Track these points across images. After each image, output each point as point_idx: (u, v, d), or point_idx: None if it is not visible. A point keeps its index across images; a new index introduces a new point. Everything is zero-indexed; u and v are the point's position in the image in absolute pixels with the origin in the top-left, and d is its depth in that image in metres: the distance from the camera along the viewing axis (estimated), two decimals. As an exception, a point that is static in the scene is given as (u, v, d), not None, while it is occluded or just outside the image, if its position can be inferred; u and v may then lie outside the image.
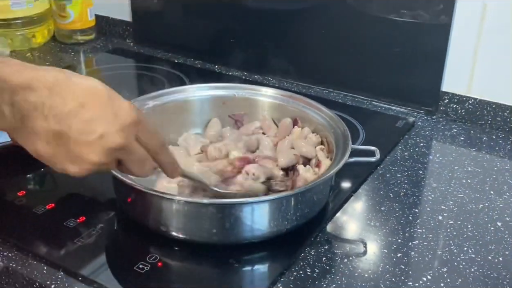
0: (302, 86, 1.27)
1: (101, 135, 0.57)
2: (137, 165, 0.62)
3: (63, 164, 0.59)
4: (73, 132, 0.56)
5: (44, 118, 0.56)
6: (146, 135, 0.61)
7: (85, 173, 0.60)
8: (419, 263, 0.74)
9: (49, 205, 0.82)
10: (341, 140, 0.83)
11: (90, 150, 0.57)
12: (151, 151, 0.63)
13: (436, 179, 0.93)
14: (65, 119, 0.56)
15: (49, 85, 0.56)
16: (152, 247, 0.75)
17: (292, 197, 0.74)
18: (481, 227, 0.82)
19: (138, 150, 0.61)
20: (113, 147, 0.58)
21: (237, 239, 0.74)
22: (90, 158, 0.58)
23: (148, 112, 0.89)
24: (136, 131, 0.60)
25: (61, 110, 0.56)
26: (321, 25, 1.20)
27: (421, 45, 1.11)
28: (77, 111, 0.56)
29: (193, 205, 0.73)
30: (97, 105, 0.57)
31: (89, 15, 1.48)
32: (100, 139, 0.57)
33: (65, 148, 0.57)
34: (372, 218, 0.83)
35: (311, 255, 0.75)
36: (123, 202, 0.80)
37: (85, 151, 0.57)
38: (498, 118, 1.10)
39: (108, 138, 0.57)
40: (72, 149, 0.57)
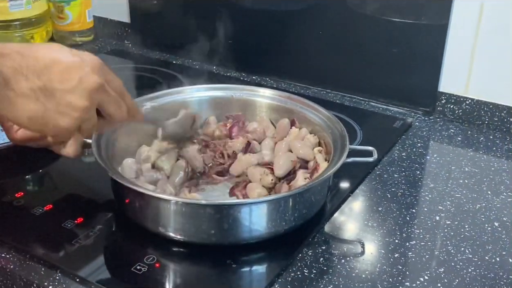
0: (300, 86, 1.27)
1: (79, 78, 0.62)
2: (114, 106, 0.67)
3: (55, 119, 0.62)
4: (54, 83, 0.61)
5: (25, 78, 0.60)
6: (110, 77, 0.67)
7: (74, 123, 0.63)
8: (416, 263, 0.74)
9: (47, 206, 0.82)
10: (339, 141, 0.83)
11: (75, 96, 0.62)
12: (118, 92, 0.68)
13: (433, 179, 0.93)
14: (44, 74, 0.60)
15: (18, 50, 0.60)
16: (149, 248, 0.75)
17: (290, 197, 0.74)
18: (478, 227, 0.82)
19: (111, 89, 0.66)
20: (93, 87, 0.63)
21: (235, 240, 0.74)
22: (77, 103, 0.62)
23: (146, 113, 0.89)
24: (104, 72, 0.65)
25: (38, 67, 0.60)
26: (319, 25, 1.21)
27: (418, 45, 1.11)
28: (51, 65, 0.61)
29: (191, 206, 0.72)
30: (65, 56, 0.62)
31: (88, 17, 1.48)
32: (80, 83, 0.62)
33: (53, 101, 0.61)
34: (370, 219, 0.83)
35: (309, 255, 0.75)
36: (121, 203, 0.79)
37: (71, 98, 0.62)
38: (495, 118, 1.10)
39: (86, 80, 0.62)
40: (59, 100, 0.61)
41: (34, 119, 0.62)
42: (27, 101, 0.60)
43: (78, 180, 0.91)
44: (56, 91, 0.61)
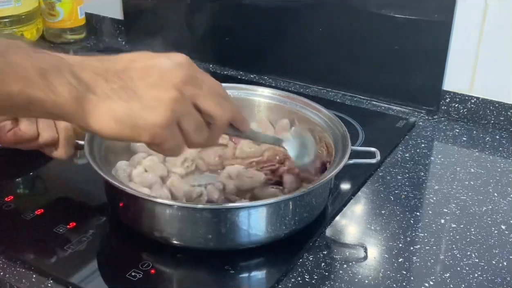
0: (300, 85, 1.25)
1: (161, 72, 0.57)
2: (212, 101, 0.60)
3: (142, 116, 0.56)
4: (135, 80, 0.57)
5: (105, 79, 0.56)
6: (201, 75, 0.60)
7: (166, 117, 0.57)
8: (421, 268, 0.72)
9: (38, 210, 0.80)
10: (340, 142, 0.80)
11: (159, 89, 0.57)
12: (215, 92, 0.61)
13: (438, 181, 0.91)
14: (124, 73, 0.57)
15: (95, 58, 0.57)
16: (144, 254, 0.73)
17: (290, 200, 0.72)
18: (484, 231, 0.80)
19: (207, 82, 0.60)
20: (178, 79, 0.57)
21: (234, 245, 0.72)
22: (162, 95, 0.57)
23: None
24: (192, 68, 0.59)
25: (117, 68, 0.57)
26: (319, 22, 1.18)
27: (421, 43, 1.10)
28: (130, 66, 0.57)
29: (188, 209, 0.70)
30: (146, 57, 0.59)
31: (79, 13, 1.46)
32: (162, 76, 0.57)
33: (137, 98, 0.56)
34: (373, 222, 0.81)
35: (310, 260, 0.73)
36: (115, 207, 0.77)
37: (155, 92, 0.57)
38: (502, 117, 1.08)
39: (169, 73, 0.57)
40: (143, 96, 0.56)
41: (120, 121, 0.56)
42: (109, 102, 0.56)
43: (70, 183, 0.89)
44: (138, 87, 0.56)
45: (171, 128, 0.57)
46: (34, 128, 0.76)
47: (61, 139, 0.78)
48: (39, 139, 0.77)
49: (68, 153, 0.79)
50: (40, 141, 0.77)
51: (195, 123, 0.59)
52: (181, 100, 0.57)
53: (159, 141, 0.58)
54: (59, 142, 0.78)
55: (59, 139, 0.78)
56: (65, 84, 0.54)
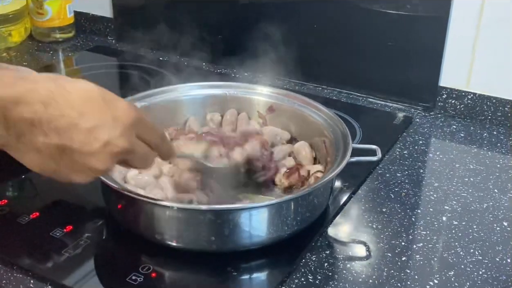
0: (295, 83, 1.24)
1: (105, 142, 0.56)
2: (140, 161, 0.62)
3: (68, 175, 0.57)
4: (76, 143, 0.55)
5: (44, 133, 0.54)
6: (146, 131, 0.61)
7: (90, 179, 0.59)
8: (425, 266, 0.72)
9: (33, 214, 0.78)
10: (341, 140, 0.79)
11: (96, 159, 0.56)
12: (153, 145, 0.63)
13: (437, 178, 0.90)
14: (66, 132, 0.54)
15: (43, 99, 0.53)
16: (144, 257, 0.72)
17: (293, 201, 0.71)
18: (486, 228, 0.79)
19: (141, 148, 0.61)
20: (118, 151, 0.57)
21: (236, 247, 0.71)
22: (97, 166, 0.57)
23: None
24: (137, 130, 0.59)
25: (61, 124, 0.54)
26: (314, 19, 1.17)
27: (418, 38, 1.09)
28: (77, 122, 0.54)
29: (189, 211, 0.69)
30: (96, 111, 0.56)
31: (68, 12, 1.44)
32: (104, 147, 0.56)
33: (69, 160, 0.56)
34: (374, 221, 0.80)
35: (312, 260, 0.72)
36: (114, 209, 0.76)
37: (91, 161, 0.56)
38: (499, 113, 1.07)
39: (112, 143, 0.56)
40: (76, 161, 0.56)
41: (45, 172, 0.57)
42: (38, 156, 0.55)
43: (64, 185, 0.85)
44: (75, 152, 0.55)
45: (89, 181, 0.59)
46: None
47: None
48: None
49: None
50: None
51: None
52: (109, 169, 0.59)
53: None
54: None
55: None
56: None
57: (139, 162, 0.62)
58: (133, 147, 0.59)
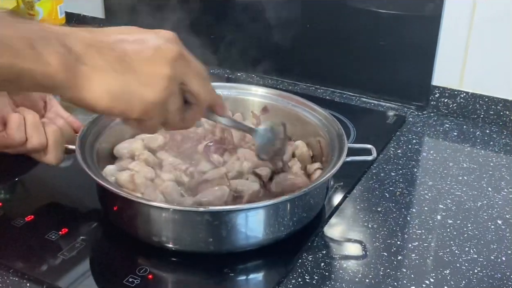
0: (288, 83, 1.24)
1: (155, 47, 0.56)
2: (198, 81, 0.60)
3: (139, 92, 0.56)
4: (130, 53, 0.55)
5: (99, 51, 0.54)
6: (188, 53, 0.60)
7: (162, 96, 0.56)
8: (420, 265, 0.72)
9: (28, 217, 0.78)
10: (336, 140, 0.80)
11: (155, 65, 0.56)
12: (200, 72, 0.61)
13: (431, 176, 0.91)
14: (117, 46, 0.55)
15: (84, 29, 0.56)
16: (141, 259, 0.71)
17: (289, 201, 0.71)
18: (481, 226, 0.79)
19: (194, 62, 0.60)
20: (173, 55, 0.57)
21: (233, 248, 0.71)
22: (160, 71, 0.56)
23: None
24: (181, 46, 0.59)
25: (108, 41, 0.55)
26: (306, 19, 1.17)
27: (410, 37, 1.09)
28: (122, 38, 0.56)
29: (186, 213, 0.69)
30: (136, 31, 0.58)
31: (59, 13, 1.42)
32: (157, 52, 0.56)
33: (132, 72, 0.55)
34: (369, 220, 0.80)
35: (309, 261, 0.72)
36: (110, 211, 0.75)
37: (151, 68, 0.56)
38: (491, 111, 1.08)
39: (163, 49, 0.56)
40: (139, 71, 0.55)
41: (115, 95, 0.55)
42: (104, 75, 0.54)
43: (58, 187, 0.87)
44: (133, 61, 0.55)
45: (161, 106, 0.57)
46: (22, 133, 0.74)
47: (50, 143, 0.76)
48: (27, 144, 0.75)
49: (58, 158, 0.77)
50: (28, 146, 0.75)
51: (178, 103, 0.59)
52: (173, 78, 0.57)
53: (146, 118, 0.58)
54: (48, 147, 0.76)
55: (48, 144, 0.76)
56: (54, 53, 0.51)
57: (197, 81, 0.60)
58: (185, 54, 0.58)
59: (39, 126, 0.75)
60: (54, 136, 0.76)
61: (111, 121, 0.83)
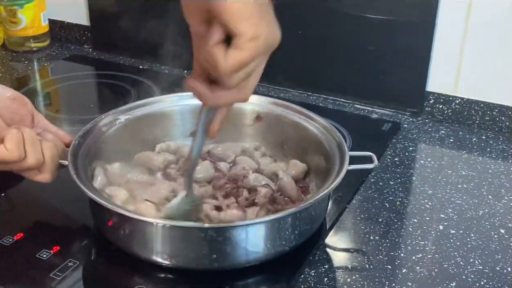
0: (280, 90, 1.21)
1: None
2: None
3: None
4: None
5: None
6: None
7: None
8: (426, 278, 0.70)
9: (17, 235, 0.74)
10: (337, 150, 0.77)
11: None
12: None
13: (430, 185, 0.89)
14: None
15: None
16: (136, 276, 0.69)
17: (292, 215, 0.68)
18: (484, 236, 0.78)
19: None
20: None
21: (234, 264, 0.68)
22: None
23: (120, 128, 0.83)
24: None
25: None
26: (298, 25, 1.15)
27: (404, 43, 1.08)
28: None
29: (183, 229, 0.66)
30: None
31: (43, 20, 1.39)
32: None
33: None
34: (371, 232, 0.78)
35: (311, 276, 0.70)
36: (104, 228, 0.73)
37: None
38: (487, 117, 1.06)
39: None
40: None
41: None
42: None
43: (48, 202, 0.83)
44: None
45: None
46: (21, 148, 0.70)
47: (47, 161, 0.72)
48: (25, 161, 0.70)
49: (53, 176, 0.74)
50: (25, 164, 0.71)
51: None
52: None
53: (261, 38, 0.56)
54: (44, 165, 0.72)
55: (45, 162, 0.72)
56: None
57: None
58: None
59: (36, 142, 0.71)
60: (50, 152, 0.72)
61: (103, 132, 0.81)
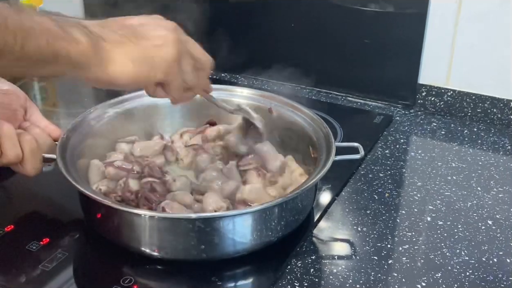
0: (273, 83, 1.22)
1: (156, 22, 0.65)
2: (197, 46, 0.68)
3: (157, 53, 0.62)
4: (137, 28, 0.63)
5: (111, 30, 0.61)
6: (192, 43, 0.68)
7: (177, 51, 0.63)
8: (411, 269, 0.71)
9: (8, 227, 0.75)
10: (324, 141, 0.78)
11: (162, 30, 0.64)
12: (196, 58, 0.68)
13: (420, 177, 0.89)
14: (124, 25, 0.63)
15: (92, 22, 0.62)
16: (125, 268, 0.69)
17: (278, 206, 0.69)
18: (471, 227, 0.78)
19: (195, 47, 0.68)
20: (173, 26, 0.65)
21: (222, 255, 0.69)
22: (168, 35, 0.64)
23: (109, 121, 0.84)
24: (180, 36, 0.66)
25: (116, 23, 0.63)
26: (291, 18, 1.16)
27: (396, 35, 1.08)
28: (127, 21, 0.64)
29: (170, 220, 0.67)
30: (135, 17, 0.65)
31: (39, 14, 1.39)
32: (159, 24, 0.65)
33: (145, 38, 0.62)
34: (359, 223, 0.79)
35: (298, 267, 0.71)
36: (93, 220, 0.73)
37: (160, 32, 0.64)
38: (479, 109, 1.07)
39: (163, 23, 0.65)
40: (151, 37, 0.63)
41: (138, 61, 0.61)
42: (123, 46, 0.61)
43: (39, 195, 0.84)
44: (144, 32, 0.62)
45: (178, 64, 0.64)
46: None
47: (26, 154, 0.73)
48: (3, 158, 0.72)
49: (36, 168, 0.74)
50: (4, 160, 0.72)
51: (191, 64, 0.66)
52: (180, 40, 0.64)
53: (170, 78, 0.65)
54: (24, 158, 0.73)
55: (24, 155, 0.73)
56: (80, 33, 0.57)
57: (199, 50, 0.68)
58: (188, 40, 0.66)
59: (14, 137, 0.72)
60: (30, 146, 0.73)
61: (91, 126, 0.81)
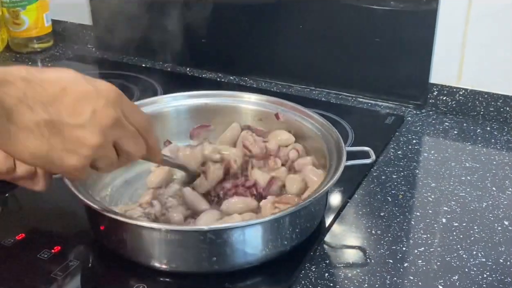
0: (282, 85, 1.21)
1: (92, 112, 0.55)
2: (133, 142, 0.60)
3: (61, 158, 0.56)
4: (63, 117, 0.54)
5: (31, 109, 0.53)
6: (132, 110, 0.60)
7: (84, 162, 0.57)
8: (428, 272, 0.70)
9: (19, 235, 0.75)
10: (334, 147, 0.77)
11: (86, 132, 0.55)
12: (139, 127, 0.61)
13: (434, 178, 0.88)
14: (52, 105, 0.54)
15: (24, 76, 0.54)
16: (136, 278, 0.68)
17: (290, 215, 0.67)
18: (487, 228, 0.77)
19: (129, 125, 0.60)
20: (108, 122, 0.56)
21: (234, 266, 0.68)
22: (88, 140, 0.56)
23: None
24: (122, 106, 0.58)
25: (45, 97, 0.54)
26: (299, 19, 1.15)
27: (406, 34, 1.07)
28: (61, 95, 0.55)
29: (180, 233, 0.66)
30: (77, 86, 0.56)
31: (46, 21, 1.40)
32: (92, 118, 0.55)
33: (59, 137, 0.55)
34: (373, 226, 0.78)
35: (312, 271, 0.70)
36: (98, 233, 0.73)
37: (81, 134, 0.55)
38: (491, 108, 1.05)
39: (99, 114, 0.56)
40: (67, 136, 0.55)
41: (38, 157, 0.55)
42: (30, 137, 0.54)
43: (49, 203, 0.83)
44: (64, 125, 0.54)
45: (84, 169, 0.57)
46: (11, 160, 0.70)
47: (38, 170, 0.72)
48: (15, 172, 0.71)
49: (47, 184, 0.73)
50: (16, 175, 0.71)
51: (107, 163, 0.60)
52: (103, 144, 0.57)
53: (70, 177, 0.63)
54: (37, 174, 0.72)
55: (37, 171, 0.72)
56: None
57: (131, 142, 0.60)
58: (121, 120, 0.58)
59: None
60: None
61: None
